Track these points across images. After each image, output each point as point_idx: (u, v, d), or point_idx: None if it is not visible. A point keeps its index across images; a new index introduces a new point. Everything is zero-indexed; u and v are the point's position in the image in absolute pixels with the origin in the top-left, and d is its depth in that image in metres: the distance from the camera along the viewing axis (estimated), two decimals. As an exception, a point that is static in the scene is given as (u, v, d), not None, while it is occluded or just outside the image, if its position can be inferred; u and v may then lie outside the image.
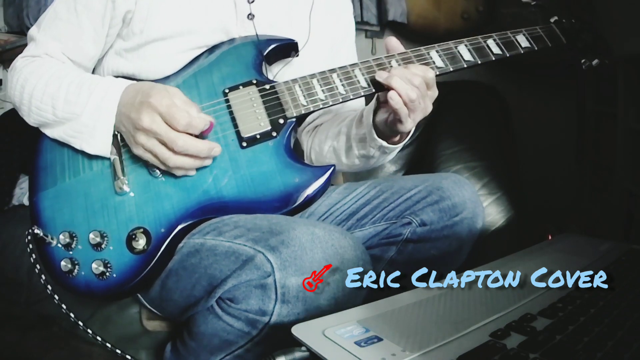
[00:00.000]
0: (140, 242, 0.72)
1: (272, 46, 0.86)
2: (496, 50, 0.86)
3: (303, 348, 0.50)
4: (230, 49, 0.86)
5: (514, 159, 1.57)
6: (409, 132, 0.84)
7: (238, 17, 0.87)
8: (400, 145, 0.87)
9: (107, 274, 0.71)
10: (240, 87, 0.81)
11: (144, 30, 0.82)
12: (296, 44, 0.88)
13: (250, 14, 0.86)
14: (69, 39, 0.83)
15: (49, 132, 0.79)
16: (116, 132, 0.76)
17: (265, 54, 0.85)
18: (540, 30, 0.90)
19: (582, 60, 0.94)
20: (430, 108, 0.79)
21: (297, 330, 0.52)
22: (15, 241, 0.90)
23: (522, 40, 0.88)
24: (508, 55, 0.87)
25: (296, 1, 0.93)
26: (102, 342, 0.73)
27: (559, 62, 1.60)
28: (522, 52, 0.88)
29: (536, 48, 0.88)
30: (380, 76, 0.78)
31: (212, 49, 0.86)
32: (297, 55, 0.91)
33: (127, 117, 0.72)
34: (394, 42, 0.82)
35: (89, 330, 0.73)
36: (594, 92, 1.63)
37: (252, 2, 0.87)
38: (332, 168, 0.78)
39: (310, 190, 0.76)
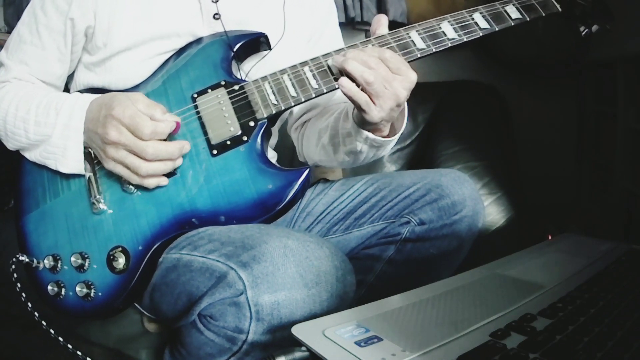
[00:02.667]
0: (120, 262, 0.72)
1: (241, 42, 0.82)
2: (484, 24, 0.79)
3: (303, 348, 0.50)
4: (197, 50, 0.82)
5: (513, 159, 1.57)
6: (401, 126, 0.81)
7: (204, 18, 0.84)
8: (392, 139, 0.82)
9: (92, 294, 0.71)
10: (209, 90, 0.78)
11: (107, 43, 0.81)
12: (266, 37, 0.84)
13: (216, 14, 0.83)
14: (35, 61, 0.83)
15: (27, 155, 0.80)
16: (89, 150, 0.75)
17: (234, 50, 0.81)
18: None
19: (582, 29, 0.87)
20: (403, 94, 0.71)
21: (297, 330, 0.52)
22: (16, 241, 0.90)
23: (512, 11, 0.80)
24: (497, 29, 0.79)
25: None
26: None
27: (559, 62, 1.61)
28: (512, 24, 0.80)
29: (528, 19, 0.81)
30: (336, 61, 0.73)
31: (179, 52, 0.83)
32: (270, 49, 0.86)
33: (94, 133, 0.72)
34: (383, 21, 0.77)
35: (79, 352, 0.73)
36: (594, 92, 1.63)
37: (217, 1, 0.83)
38: (307, 171, 0.74)
39: (285, 197, 0.73)
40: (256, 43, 0.85)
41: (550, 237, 1.29)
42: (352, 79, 0.71)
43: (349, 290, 0.68)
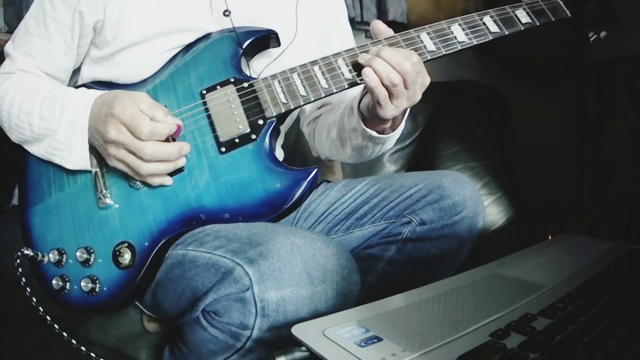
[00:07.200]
0: (126, 257, 0.71)
1: (251, 39, 0.82)
2: (494, 28, 0.79)
3: (303, 348, 0.50)
4: (206, 46, 0.82)
5: (514, 159, 1.57)
6: (401, 120, 0.81)
7: (214, 14, 0.84)
8: (393, 135, 0.83)
9: (97, 289, 0.71)
10: (218, 87, 0.78)
11: (117, 37, 0.80)
12: (276, 34, 0.84)
13: (226, 11, 0.82)
14: (41, 54, 0.82)
15: (30, 149, 0.79)
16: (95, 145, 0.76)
17: (243, 47, 0.81)
18: (542, 3, 0.83)
19: (590, 34, 0.87)
20: (418, 97, 0.73)
21: (297, 330, 0.52)
22: (16, 241, 0.90)
23: (522, 16, 0.81)
24: (507, 33, 0.80)
25: None
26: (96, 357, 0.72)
27: (559, 62, 1.61)
28: (522, 28, 0.81)
29: (537, 23, 0.82)
30: (363, 58, 0.73)
31: (187, 47, 0.83)
32: (279, 46, 0.86)
33: (96, 130, 0.72)
34: (380, 26, 0.78)
35: (83, 348, 0.72)
36: (594, 92, 1.63)
37: None
38: (314, 171, 0.75)
39: (292, 197, 0.73)
40: (266, 40, 0.84)
41: (550, 237, 1.29)
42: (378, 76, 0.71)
43: (354, 289, 0.68)
